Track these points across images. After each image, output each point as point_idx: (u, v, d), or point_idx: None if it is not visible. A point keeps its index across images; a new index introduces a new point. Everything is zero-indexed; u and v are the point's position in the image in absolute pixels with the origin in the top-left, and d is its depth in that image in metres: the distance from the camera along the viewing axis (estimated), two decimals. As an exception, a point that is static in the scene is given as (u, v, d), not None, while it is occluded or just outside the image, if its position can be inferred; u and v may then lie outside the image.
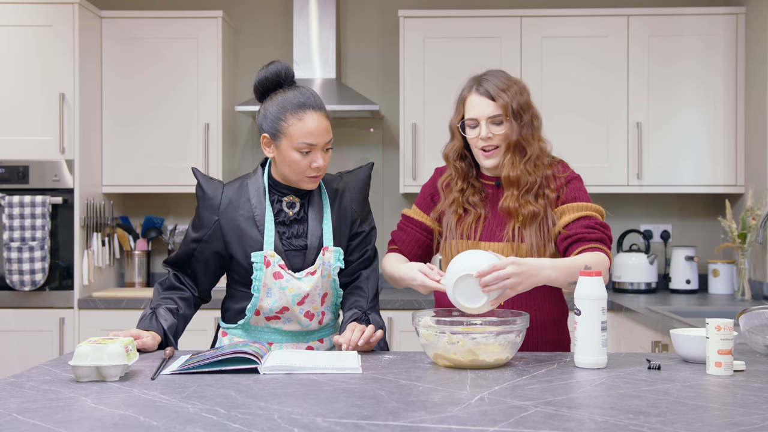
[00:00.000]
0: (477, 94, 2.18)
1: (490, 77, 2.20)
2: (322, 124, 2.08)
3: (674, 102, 4.13)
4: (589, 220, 2.15)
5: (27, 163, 3.91)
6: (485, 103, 2.17)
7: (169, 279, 2.25)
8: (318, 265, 2.13)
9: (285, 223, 2.15)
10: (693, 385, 1.67)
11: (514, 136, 2.16)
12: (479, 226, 2.21)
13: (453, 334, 1.84)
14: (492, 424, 1.34)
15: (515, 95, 2.17)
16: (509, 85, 2.18)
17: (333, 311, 2.24)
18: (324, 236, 2.15)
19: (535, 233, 2.15)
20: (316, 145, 2.07)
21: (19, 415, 1.40)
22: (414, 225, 2.34)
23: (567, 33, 4.15)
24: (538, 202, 2.17)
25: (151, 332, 2.07)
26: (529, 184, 2.17)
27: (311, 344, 2.20)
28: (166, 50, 4.18)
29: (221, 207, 2.15)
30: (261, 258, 2.10)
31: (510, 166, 2.17)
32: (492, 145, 2.18)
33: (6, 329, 3.90)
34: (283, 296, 2.11)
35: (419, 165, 4.15)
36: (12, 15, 3.92)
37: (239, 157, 4.54)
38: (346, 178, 2.26)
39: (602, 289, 1.88)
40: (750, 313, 2.11)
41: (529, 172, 2.17)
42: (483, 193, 2.25)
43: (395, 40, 4.41)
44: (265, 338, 2.18)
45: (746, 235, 3.89)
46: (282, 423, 1.35)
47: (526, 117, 2.18)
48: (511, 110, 2.16)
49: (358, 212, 2.24)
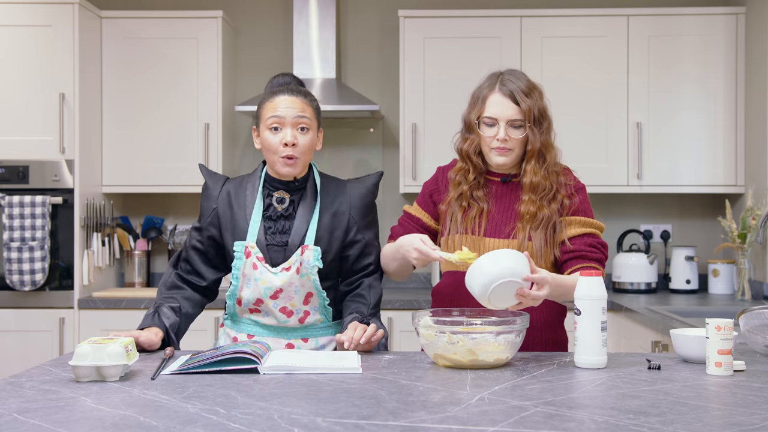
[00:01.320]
0: (500, 94, 2.16)
1: (514, 78, 2.17)
2: (294, 102, 2.15)
3: (674, 102, 4.13)
4: (592, 239, 2.20)
5: (27, 163, 3.91)
6: (507, 105, 2.15)
7: (171, 278, 2.28)
8: (293, 262, 2.15)
9: (272, 218, 2.19)
10: (693, 385, 1.67)
11: (537, 144, 2.16)
12: (483, 221, 2.22)
13: (453, 334, 1.84)
14: (492, 424, 1.34)
15: (536, 101, 2.16)
16: (531, 90, 2.17)
17: (322, 313, 2.22)
18: (307, 235, 2.16)
19: (542, 236, 2.18)
20: (284, 119, 2.12)
21: (19, 415, 1.40)
22: (413, 222, 2.35)
23: (567, 33, 4.15)
24: (551, 207, 2.19)
25: (154, 328, 2.08)
26: (547, 189, 2.19)
27: (292, 341, 2.20)
28: (166, 50, 4.18)
29: (220, 197, 2.23)
30: (242, 248, 2.16)
31: (532, 172, 2.18)
32: (506, 148, 2.17)
33: (6, 329, 3.90)
34: (257, 288, 2.15)
35: (419, 165, 4.15)
36: (12, 15, 3.92)
37: (239, 157, 4.54)
38: (350, 184, 2.27)
39: (602, 289, 1.88)
40: (750, 313, 2.11)
41: (546, 178, 2.19)
42: (487, 189, 2.25)
43: (395, 40, 4.41)
44: (247, 330, 2.23)
45: (746, 235, 3.89)
46: (282, 423, 1.35)
47: (545, 123, 2.19)
48: (533, 116, 2.15)
49: (356, 219, 2.23)
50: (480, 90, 2.22)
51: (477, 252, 2.11)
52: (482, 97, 2.20)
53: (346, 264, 2.25)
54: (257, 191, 2.21)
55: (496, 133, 2.16)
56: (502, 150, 2.17)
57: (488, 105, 2.17)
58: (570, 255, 2.18)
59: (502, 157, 2.19)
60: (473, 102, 2.23)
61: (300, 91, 2.18)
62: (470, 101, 2.25)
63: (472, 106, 2.23)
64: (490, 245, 2.18)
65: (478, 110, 2.20)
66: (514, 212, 2.22)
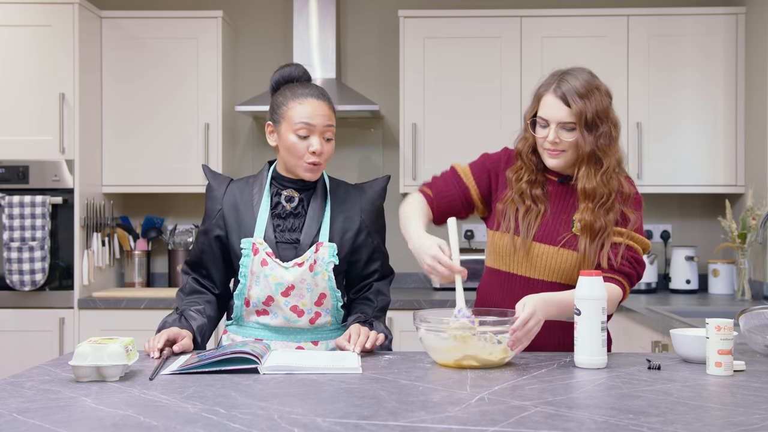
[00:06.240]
0: (553, 95, 2.07)
1: (572, 79, 2.07)
2: (323, 109, 2.11)
3: (674, 102, 4.13)
4: (631, 252, 2.10)
5: (27, 163, 3.91)
6: (559, 107, 2.06)
7: (189, 284, 2.25)
8: (306, 258, 2.12)
9: (281, 216, 2.17)
10: (693, 385, 1.67)
11: (587, 147, 2.06)
12: (536, 223, 2.13)
13: (454, 334, 1.84)
14: (492, 424, 1.34)
15: (594, 103, 2.05)
16: (589, 91, 2.06)
17: (333, 315, 2.20)
18: (321, 232, 2.15)
19: (592, 245, 2.08)
20: (314, 127, 2.09)
21: (19, 415, 1.40)
22: (459, 185, 2.23)
23: (567, 33, 4.15)
24: (609, 217, 2.09)
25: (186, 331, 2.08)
26: (605, 197, 2.08)
27: (302, 344, 2.17)
28: (166, 50, 4.18)
29: (225, 197, 2.20)
30: (249, 245, 2.13)
31: (585, 178, 2.08)
32: (558, 150, 2.09)
33: (6, 329, 3.90)
34: (267, 285, 2.12)
35: (419, 165, 4.15)
36: (11, 15, 3.92)
37: (239, 157, 4.54)
38: (360, 188, 2.26)
39: (602, 289, 1.87)
40: (750, 313, 2.11)
41: (604, 184, 2.08)
42: (545, 188, 2.17)
43: (395, 40, 4.41)
44: (253, 334, 2.18)
45: (746, 235, 3.89)
46: (282, 423, 1.35)
47: (603, 127, 2.07)
48: (584, 119, 2.04)
49: (367, 223, 2.21)
50: (539, 88, 2.13)
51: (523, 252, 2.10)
52: (538, 96, 2.12)
53: (354, 269, 2.23)
54: (264, 190, 2.18)
55: (547, 134, 2.09)
56: (554, 152, 2.10)
57: (542, 105, 2.09)
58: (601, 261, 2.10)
59: (553, 159, 2.10)
60: (532, 99, 2.15)
61: (325, 95, 2.15)
62: (531, 97, 2.17)
63: (531, 104, 2.15)
64: (538, 251, 2.11)
65: (532, 109, 2.14)
66: (568, 218, 2.14)
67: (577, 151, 2.09)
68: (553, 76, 2.11)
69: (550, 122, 2.07)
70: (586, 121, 2.05)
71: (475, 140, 4.04)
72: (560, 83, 2.07)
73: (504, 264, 2.18)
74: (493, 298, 2.20)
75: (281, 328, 2.17)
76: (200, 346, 2.12)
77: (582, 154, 2.08)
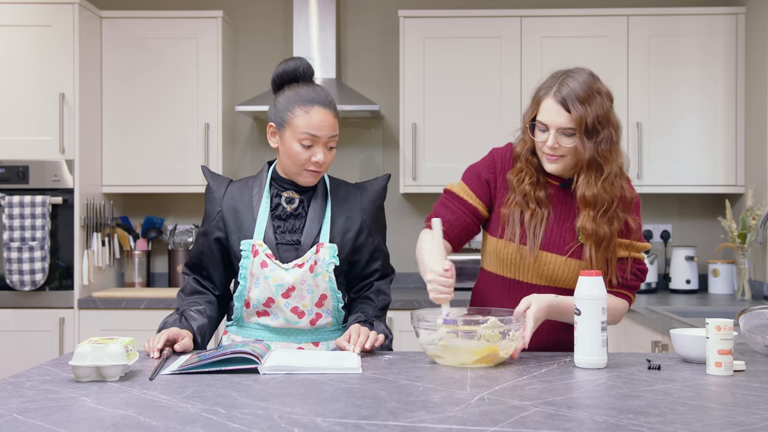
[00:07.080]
0: (553, 99, 2.00)
1: (572, 82, 2.00)
2: (329, 119, 2.09)
3: (674, 102, 4.13)
4: (636, 265, 2.12)
5: (27, 163, 3.91)
6: (559, 112, 2.00)
7: (189, 284, 2.25)
8: (306, 259, 2.11)
9: (281, 218, 2.16)
10: (693, 385, 1.67)
11: (587, 154, 2.01)
12: (541, 229, 2.09)
13: (453, 334, 1.84)
14: (492, 424, 1.34)
15: (595, 108, 1.99)
16: (590, 95, 1.99)
17: (334, 316, 2.19)
18: (321, 233, 2.15)
19: (597, 254, 2.06)
20: (319, 138, 2.08)
21: (19, 415, 1.40)
22: (461, 205, 2.17)
23: (567, 33, 4.15)
24: (613, 225, 2.06)
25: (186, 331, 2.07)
26: (606, 204, 2.05)
27: (302, 345, 2.17)
28: (166, 50, 4.18)
29: (224, 198, 2.19)
30: (249, 246, 2.12)
31: (586, 185, 2.04)
32: (557, 155, 2.04)
33: (6, 329, 3.90)
34: (267, 286, 2.11)
35: (419, 165, 4.15)
36: (11, 15, 3.92)
37: (239, 157, 4.54)
38: (360, 187, 2.25)
39: (602, 289, 1.87)
40: (750, 313, 2.11)
41: (606, 191, 2.04)
42: (547, 191, 2.13)
43: (395, 40, 4.41)
44: (254, 335, 2.18)
45: (746, 235, 3.89)
46: (282, 423, 1.35)
47: (604, 132, 2.01)
48: (585, 126, 1.99)
49: (368, 222, 2.21)
50: (538, 91, 2.07)
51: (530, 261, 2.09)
52: (537, 99, 2.06)
53: (355, 269, 2.23)
54: (264, 191, 2.17)
55: (546, 139, 2.03)
56: (553, 157, 2.04)
57: (542, 109, 2.03)
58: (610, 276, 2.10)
59: (552, 164, 2.05)
60: (531, 101, 2.10)
61: (331, 102, 2.12)
62: (531, 99, 2.11)
63: (530, 106, 2.10)
64: (545, 260, 2.09)
65: (532, 112, 2.08)
66: (572, 225, 2.11)
67: (577, 157, 2.05)
68: (554, 78, 2.05)
69: (549, 127, 2.02)
70: (586, 127, 2.00)
71: (475, 140, 4.04)
72: (560, 87, 2.01)
73: (509, 271, 2.15)
74: (494, 303, 2.18)
75: (282, 329, 2.17)
76: (200, 346, 2.12)
77: (581, 161, 2.04)
